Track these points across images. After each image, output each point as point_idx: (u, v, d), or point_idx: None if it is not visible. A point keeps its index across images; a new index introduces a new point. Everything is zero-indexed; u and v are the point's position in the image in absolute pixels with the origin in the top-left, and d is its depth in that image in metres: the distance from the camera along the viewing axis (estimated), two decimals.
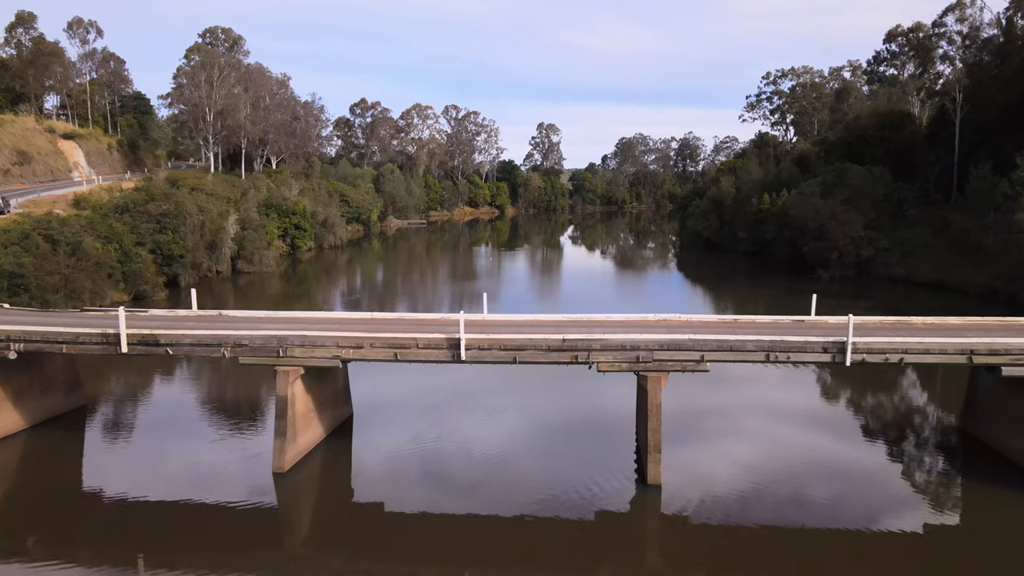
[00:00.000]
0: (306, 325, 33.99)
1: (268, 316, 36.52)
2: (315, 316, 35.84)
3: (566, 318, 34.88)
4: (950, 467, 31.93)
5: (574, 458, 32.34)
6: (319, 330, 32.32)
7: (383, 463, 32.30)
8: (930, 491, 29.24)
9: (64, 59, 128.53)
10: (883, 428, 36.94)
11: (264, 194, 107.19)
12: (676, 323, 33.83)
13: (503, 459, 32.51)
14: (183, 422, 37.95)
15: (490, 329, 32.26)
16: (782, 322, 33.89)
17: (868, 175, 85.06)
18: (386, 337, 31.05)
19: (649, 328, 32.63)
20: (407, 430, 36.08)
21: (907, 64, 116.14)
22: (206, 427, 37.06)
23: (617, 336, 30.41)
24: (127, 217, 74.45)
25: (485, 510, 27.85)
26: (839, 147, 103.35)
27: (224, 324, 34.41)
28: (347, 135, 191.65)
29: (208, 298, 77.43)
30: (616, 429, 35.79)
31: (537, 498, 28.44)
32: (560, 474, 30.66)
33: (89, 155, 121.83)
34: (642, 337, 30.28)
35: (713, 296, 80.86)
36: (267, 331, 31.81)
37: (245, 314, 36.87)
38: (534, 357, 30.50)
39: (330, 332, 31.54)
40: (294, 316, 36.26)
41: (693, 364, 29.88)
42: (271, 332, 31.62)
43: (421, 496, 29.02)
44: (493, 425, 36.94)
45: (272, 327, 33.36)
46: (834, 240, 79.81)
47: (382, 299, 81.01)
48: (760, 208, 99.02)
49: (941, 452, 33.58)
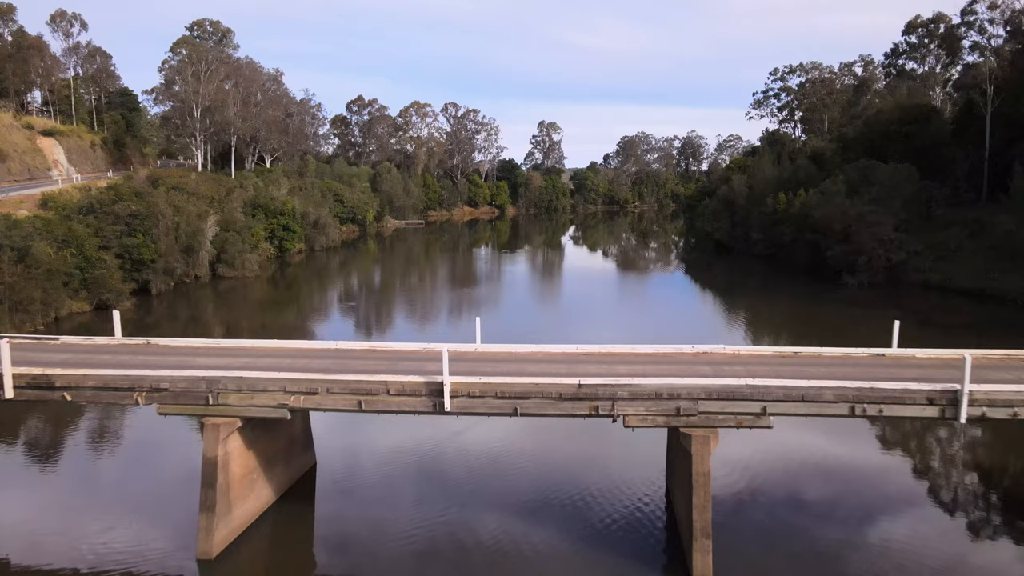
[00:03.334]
0: (252, 358, 26.22)
1: (208, 346, 28.66)
2: (264, 346, 28.06)
3: (580, 350, 27.07)
4: None
5: (595, 538, 24.58)
6: (268, 365, 24.60)
7: (354, 534, 24.56)
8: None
9: (46, 53, 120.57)
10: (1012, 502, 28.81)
11: (251, 193, 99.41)
12: (721, 357, 26.04)
13: (508, 537, 24.72)
14: (94, 484, 30.12)
15: (483, 365, 24.55)
16: (857, 357, 26.05)
17: (897, 173, 77.12)
18: (348, 380, 23.26)
19: (687, 365, 24.85)
20: (389, 485, 28.32)
21: (927, 57, 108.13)
22: (127, 490, 29.14)
23: (650, 381, 22.63)
24: (91, 219, 66.65)
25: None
26: (858, 144, 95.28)
27: (149, 358, 26.63)
28: (344, 133, 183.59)
29: (183, 306, 69.89)
30: (641, 488, 28.02)
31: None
32: (578, 558, 22.96)
33: (70, 153, 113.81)
34: (683, 383, 22.50)
35: (728, 304, 72.98)
36: (194, 371, 24.03)
37: (181, 343, 29.03)
38: (541, 408, 22.73)
39: (275, 373, 23.75)
40: (239, 346, 28.44)
41: (752, 418, 22.11)
42: (199, 373, 23.83)
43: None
44: (499, 483, 29.13)
45: (209, 361, 25.63)
46: (862, 243, 71.90)
47: (367, 312, 73.26)
48: (776, 208, 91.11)
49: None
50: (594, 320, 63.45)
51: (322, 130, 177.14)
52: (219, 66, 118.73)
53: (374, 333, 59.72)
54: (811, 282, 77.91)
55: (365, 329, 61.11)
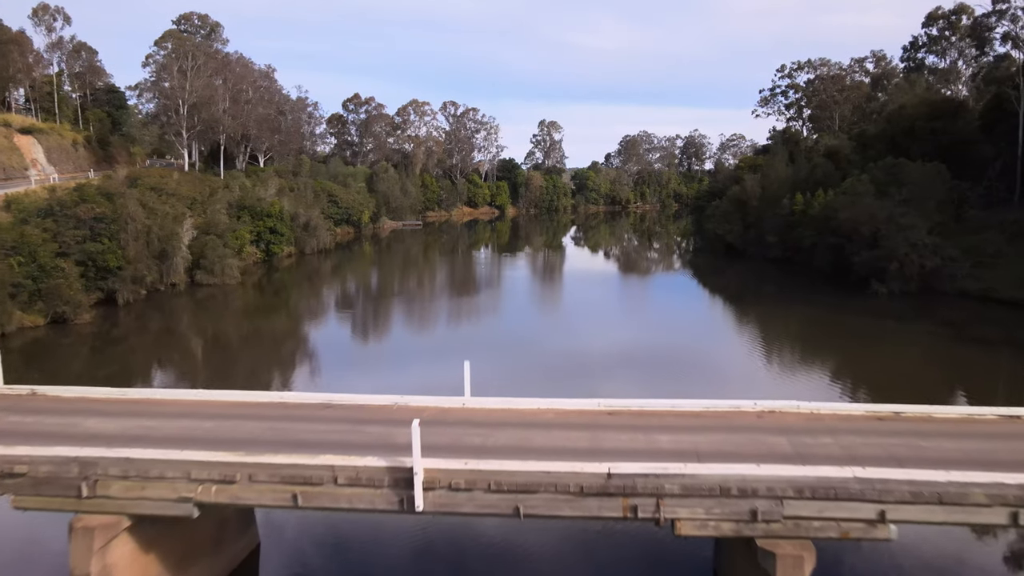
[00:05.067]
0: (161, 420, 18.97)
1: (110, 398, 21.28)
2: (182, 399, 20.75)
3: (602, 406, 19.79)
4: None
5: None
6: (177, 432, 17.38)
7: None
8: None
9: (28, 47, 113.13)
10: None
11: (237, 194, 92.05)
12: (796, 419, 18.75)
13: None
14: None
15: (472, 434, 17.41)
16: (984, 420, 18.75)
17: (930, 172, 69.80)
18: (279, 464, 16.02)
19: (752, 433, 17.61)
20: (354, 568, 21.08)
21: (948, 50, 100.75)
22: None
23: (711, 469, 15.36)
24: (49, 222, 59.35)
25: None
26: (880, 141, 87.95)
27: (23, 419, 19.36)
28: (340, 133, 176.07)
29: (154, 317, 62.61)
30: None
31: None
32: None
33: (50, 152, 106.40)
34: (760, 473, 15.21)
35: (748, 314, 65.55)
36: (65, 448, 16.75)
37: (75, 393, 21.71)
38: (553, 507, 15.47)
39: (177, 452, 16.45)
40: (150, 398, 21.14)
41: (863, 527, 14.83)
42: (69, 451, 16.54)
43: None
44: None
45: (100, 425, 18.39)
46: (894, 248, 64.51)
47: (349, 327, 66.07)
48: (792, 209, 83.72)
49: None
50: (602, 333, 55.95)
51: (319, 129, 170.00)
52: (207, 61, 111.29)
53: (350, 358, 51.86)
54: (835, 290, 70.41)
55: (341, 353, 53.13)
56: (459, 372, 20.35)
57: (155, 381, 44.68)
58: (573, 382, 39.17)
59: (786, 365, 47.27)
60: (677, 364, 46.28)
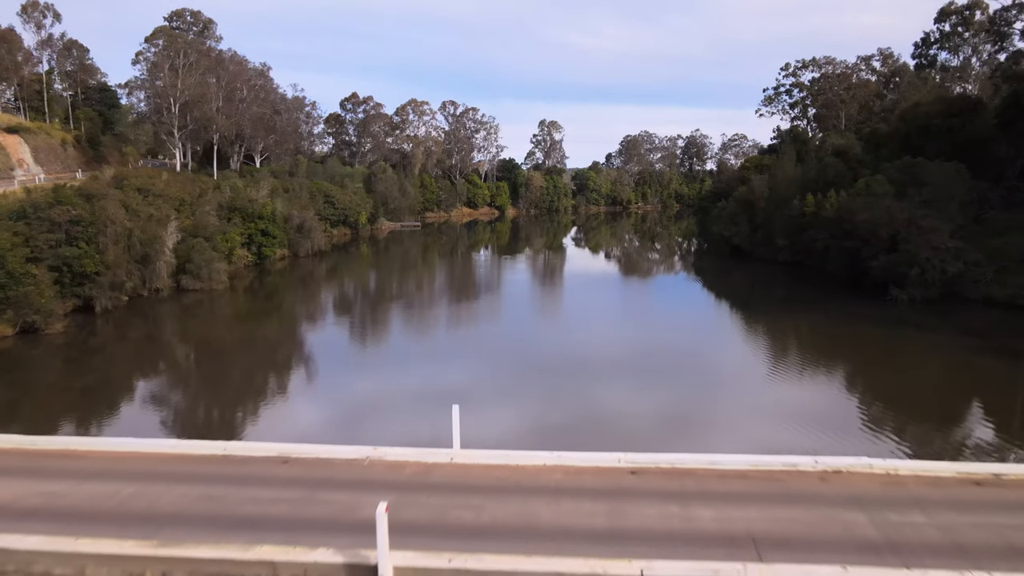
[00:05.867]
0: (72, 484, 14.92)
1: (11, 448, 17.28)
2: (83, 449, 16.69)
3: (625, 463, 15.73)
4: None
5: None
6: (67, 502, 13.35)
7: None
8: None
9: (17, 44, 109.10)
10: None
11: (228, 195, 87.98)
12: (867, 480, 14.63)
13: None
14: None
15: (459, 506, 13.37)
16: None
17: (949, 172, 65.69)
18: (200, 560, 11.96)
19: (813, 507, 13.56)
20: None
21: (961, 47, 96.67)
22: None
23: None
24: (21, 225, 55.28)
25: None
26: (893, 139, 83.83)
27: None
28: (338, 132, 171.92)
29: (136, 325, 58.46)
30: None
31: None
32: None
33: (37, 151, 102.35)
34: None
35: (763, 323, 61.40)
36: None
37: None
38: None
39: (69, 544, 12.38)
40: (64, 448, 17.07)
41: None
42: None
43: None
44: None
45: None
46: (915, 252, 60.38)
47: (336, 340, 61.99)
48: (803, 211, 79.58)
49: None
50: (608, 340, 51.80)
51: (316, 129, 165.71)
52: (199, 58, 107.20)
53: (334, 371, 47.69)
54: (850, 296, 66.25)
55: (326, 366, 48.88)
56: (455, 386, 16.38)
57: (114, 402, 40.34)
58: (578, 396, 35.17)
59: (808, 379, 43.14)
60: (689, 374, 42.23)
